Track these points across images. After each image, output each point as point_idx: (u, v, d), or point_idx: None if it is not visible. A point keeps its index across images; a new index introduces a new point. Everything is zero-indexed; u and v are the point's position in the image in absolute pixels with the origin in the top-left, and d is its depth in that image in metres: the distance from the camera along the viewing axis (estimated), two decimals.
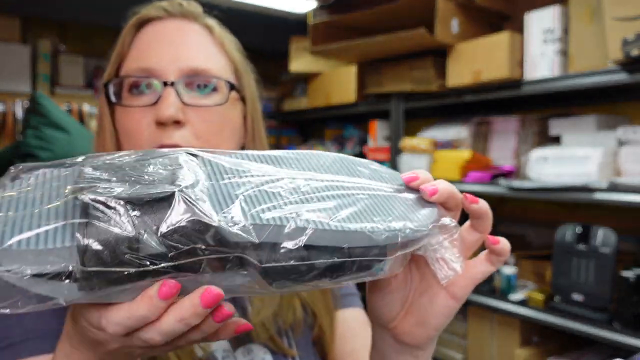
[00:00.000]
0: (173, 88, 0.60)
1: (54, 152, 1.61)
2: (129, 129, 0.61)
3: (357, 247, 0.34)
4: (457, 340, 2.02)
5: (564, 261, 1.58)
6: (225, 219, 0.31)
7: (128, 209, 0.29)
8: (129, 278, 0.30)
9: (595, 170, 1.49)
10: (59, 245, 0.28)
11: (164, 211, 0.30)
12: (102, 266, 0.29)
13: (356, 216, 0.35)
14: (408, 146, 2.02)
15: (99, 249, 0.29)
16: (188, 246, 0.30)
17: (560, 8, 1.58)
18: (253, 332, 0.61)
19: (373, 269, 0.35)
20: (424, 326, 0.46)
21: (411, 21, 1.90)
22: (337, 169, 0.40)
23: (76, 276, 0.29)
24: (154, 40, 0.63)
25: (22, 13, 2.48)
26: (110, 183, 0.30)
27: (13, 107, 2.16)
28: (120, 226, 0.29)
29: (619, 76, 1.42)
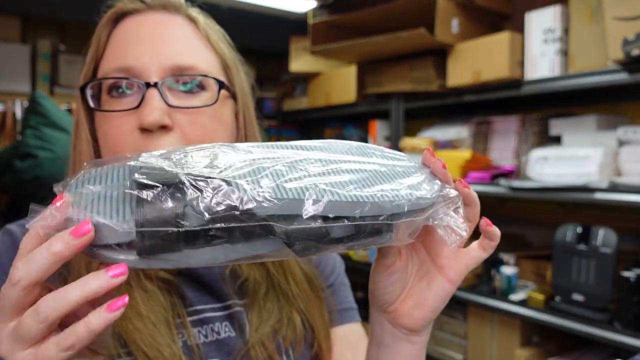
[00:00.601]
0: (156, 89, 0.54)
1: (54, 152, 1.61)
2: (111, 137, 0.55)
3: (368, 214, 0.38)
4: (457, 341, 2.02)
5: (565, 261, 1.57)
6: (253, 192, 0.36)
7: (172, 189, 0.35)
8: (174, 243, 0.34)
9: (595, 170, 1.49)
10: (121, 219, 0.34)
11: (204, 189, 0.35)
12: (152, 231, 0.34)
13: (366, 186, 0.39)
14: (408, 146, 2.02)
15: (150, 218, 0.34)
16: (224, 214, 0.35)
17: (561, 8, 1.58)
18: (251, 351, 0.58)
19: (383, 235, 0.39)
20: (422, 308, 0.48)
21: (411, 21, 1.90)
22: (353, 152, 0.45)
23: (135, 243, 0.34)
24: (133, 36, 0.57)
25: (22, 13, 2.48)
26: (159, 170, 0.36)
27: (13, 107, 2.16)
28: (167, 202, 0.34)
29: (620, 76, 1.42)
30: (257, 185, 0.37)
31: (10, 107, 2.15)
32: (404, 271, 0.49)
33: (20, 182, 1.57)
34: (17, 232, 0.59)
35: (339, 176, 0.40)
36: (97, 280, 0.33)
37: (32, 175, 1.56)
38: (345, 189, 0.38)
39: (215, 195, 0.35)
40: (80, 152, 0.59)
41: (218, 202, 0.35)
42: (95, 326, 0.33)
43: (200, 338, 0.58)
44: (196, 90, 0.57)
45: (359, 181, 0.40)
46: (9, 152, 1.63)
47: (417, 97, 2.04)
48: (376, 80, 2.16)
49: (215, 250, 0.36)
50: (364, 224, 0.38)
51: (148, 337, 0.53)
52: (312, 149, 0.44)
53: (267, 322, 0.61)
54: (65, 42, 2.69)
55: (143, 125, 0.53)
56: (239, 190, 0.36)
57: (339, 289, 0.72)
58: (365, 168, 0.42)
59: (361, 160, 0.43)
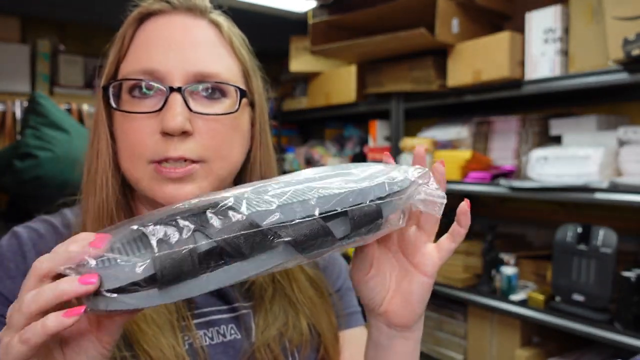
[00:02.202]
0: (180, 94, 0.54)
1: (54, 152, 1.61)
2: (131, 137, 0.56)
3: (354, 207, 0.42)
4: (457, 341, 2.02)
5: (565, 261, 1.57)
6: (254, 205, 0.40)
7: (177, 223, 0.38)
8: (189, 269, 0.37)
9: (595, 170, 1.48)
10: (142, 268, 0.36)
11: (207, 212, 0.39)
12: (168, 261, 0.36)
13: (348, 183, 0.43)
14: (408, 146, 2.02)
15: (163, 250, 0.36)
16: (232, 235, 0.38)
17: (561, 8, 1.58)
18: (257, 353, 0.59)
19: (377, 222, 0.43)
20: (409, 304, 0.53)
21: (411, 21, 1.89)
22: (332, 170, 0.49)
23: (154, 277, 0.36)
24: (158, 38, 0.57)
25: (22, 13, 2.47)
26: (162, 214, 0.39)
27: (12, 107, 2.15)
28: (175, 233, 0.37)
29: (620, 76, 1.42)
30: (257, 200, 0.40)
31: (10, 107, 2.15)
32: (381, 276, 0.53)
33: (20, 182, 1.57)
34: (23, 235, 0.59)
35: (323, 181, 0.44)
36: (69, 284, 0.36)
37: (32, 175, 1.56)
38: (330, 188, 0.43)
39: (219, 214, 0.38)
40: (99, 150, 0.59)
41: (222, 221, 0.38)
42: (48, 327, 0.35)
43: (205, 340, 0.58)
44: (217, 96, 0.58)
45: (341, 181, 0.44)
46: (9, 152, 1.63)
47: (417, 97, 2.04)
48: (376, 80, 2.15)
49: (230, 270, 0.38)
50: (357, 215, 0.42)
51: (152, 339, 0.54)
52: (295, 175, 0.46)
53: (273, 325, 0.61)
54: (65, 42, 2.68)
55: (165, 129, 0.53)
56: (241, 206, 0.39)
57: (346, 294, 0.73)
58: (345, 172, 0.46)
59: (341, 171, 0.47)
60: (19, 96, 2.22)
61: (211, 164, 0.57)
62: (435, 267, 0.52)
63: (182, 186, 0.55)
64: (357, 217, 0.42)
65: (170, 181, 0.55)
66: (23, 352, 0.36)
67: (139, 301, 0.37)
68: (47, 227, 0.61)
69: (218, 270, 0.38)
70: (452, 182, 1.88)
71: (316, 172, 0.46)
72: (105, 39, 0.66)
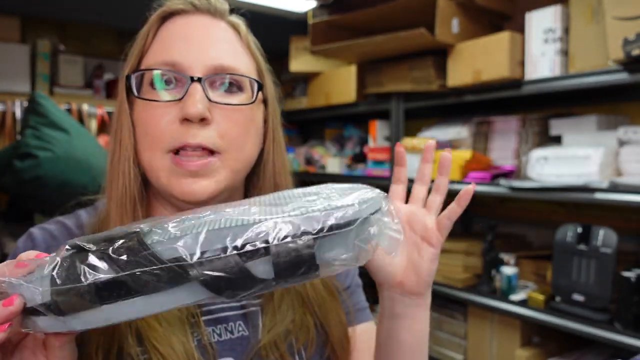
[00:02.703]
0: (200, 84, 0.57)
1: (54, 152, 1.61)
2: (151, 126, 0.58)
3: (279, 243, 0.37)
4: (457, 341, 2.02)
5: (565, 261, 1.57)
6: (158, 242, 0.37)
7: (82, 251, 0.38)
8: (88, 299, 0.36)
9: (595, 170, 1.48)
10: (40, 295, 0.37)
11: (109, 243, 0.38)
12: (63, 289, 0.36)
13: (268, 214, 0.39)
14: (408, 146, 2.01)
15: (62, 277, 0.37)
16: (126, 261, 0.36)
17: (561, 8, 1.58)
18: (262, 351, 0.60)
19: (310, 270, 0.37)
20: (420, 274, 0.60)
21: (411, 21, 1.89)
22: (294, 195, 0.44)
23: (52, 303, 0.36)
24: (180, 34, 0.60)
25: (22, 12, 2.47)
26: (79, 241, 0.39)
27: (12, 107, 2.15)
28: (74, 262, 0.37)
29: (620, 76, 1.42)
30: (159, 230, 0.38)
31: (10, 107, 2.15)
32: (401, 252, 0.61)
33: (20, 182, 1.57)
34: (38, 237, 0.61)
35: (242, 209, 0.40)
36: None
37: (32, 175, 1.56)
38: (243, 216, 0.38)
39: (116, 245, 0.37)
40: (122, 139, 0.60)
41: (120, 251, 0.37)
42: None
43: (214, 337, 0.60)
44: (235, 90, 0.60)
45: (261, 209, 0.40)
46: (9, 152, 1.63)
47: (417, 97, 2.04)
48: (376, 80, 2.15)
49: (134, 304, 0.37)
50: (282, 254, 0.36)
51: (162, 335, 0.55)
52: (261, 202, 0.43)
53: (280, 323, 0.62)
54: (65, 42, 2.68)
55: (186, 115, 0.56)
56: (139, 234, 0.37)
57: (355, 291, 0.75)
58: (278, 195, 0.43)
59: (287, 196, 0.43)
60: (19, 96, 2.22)
61: (227, 155, 0.59)
62: (440, 239, 0.61)
63: (199, 180, 0.57)
64: (281, 257, 0.36)
65: (189, 175, 0.57)
66: None
67: (46, 324, 0.37)
68: (61, 229, 0.63)
69: (121, 302, 0.37)
70: (452, 182, 1.88)
71: (273, 197, 0.43)
72: (105, 39, 0.66)
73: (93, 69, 2.69)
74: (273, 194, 0.46)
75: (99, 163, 1.69)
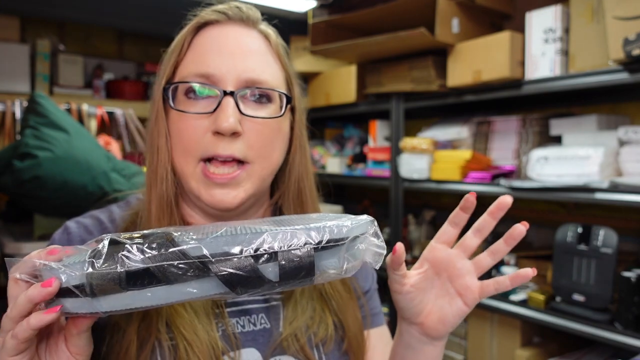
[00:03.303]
0: (232, 98, 0.60)
1: (53, 152, 1.60)
2: (185, 136, 0.61)
3: (285, 250, 0.43)
4: (457, 341, 2.02)
5: (565, 261, 1.57)
6: (182, 236, 0.44)
7: (116, 245, 0.43)
8: (117, 284, 0.42)
9: (596, 170, 1.48)
10: (75, 277, 0.42)
11: (140, 238, 0.44)
12: (97, 274, 0.42)
13: (279, 225, 0.46)
14: (408, 146, 2.01)
15: (97, 265, 0.42)
16: (155, 256, 0.42)
17: (561, 7, 1.58)
18: (284, 342, 0.64)
19: (309, 274, 0.44)
20: (444, 323, 0.60)
21: (411, 21, 1.89)
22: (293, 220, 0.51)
23: (86, 285, 0.42)
24: (214, 46, 0.62)
25: (22, 12, 2.47)
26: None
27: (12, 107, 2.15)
28: (109, 252, 0.43)
29: (620, 76, 1.42)
30: (186, 234, 0.44)
31: (10, 107, 2.14)
32: (421, 292, 0.60)
33: (20, 182, 1.57)
34: (73, 230, 0.66)
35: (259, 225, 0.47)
36: (34, 289, 0.43)
37: (32, 175, 1.56)
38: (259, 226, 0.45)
39: (149, 241, 0.43)
40: (159, 146, 0.64)
41: (152, 246, 0.42)
42: (31, 323, 0.43)
43: (237, 328, 0.64)
44: (264, 101, 0.63)
45: (279, 222, 0.47)
46: (9, 152, 1.62)
47: (417, 97, 2.03)
48: (376, 80, 2.15)
49: (157, 291, 0.42)
50: (287, 259, 0.43)
51: (189, 322, 0.60)
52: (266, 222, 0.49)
53: (301, 317, 0.66)
54: (65, 42, 2.68)
55: (218, 130, 0.59)
56: (170, 235, 0.44)
57: (373, 295, 0.79)
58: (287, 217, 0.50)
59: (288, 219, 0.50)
60: (18, 96, 2.22)
61: (254, 165, 0.62)
62: (475, 302, 0.60)
63: (229, 191, 0.61)
64: (290, 266, 0.43)
65: (218, 186, 0.61)
66: (13, 345, 0.43)
67: (74, 306, 0.43)
68: (95, 223, 0.67)
69: (146, 289, 0.42)
70: (452, 182, 1.88)
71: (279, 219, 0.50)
72: (105, 39, 0.67)
73: (93, 68, 2.69)
74: (281, 217, 0.52)
75: (98, 163, 1.69)
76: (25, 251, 1.68)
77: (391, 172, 2.12)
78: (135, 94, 2.73)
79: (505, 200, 0.58)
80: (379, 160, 2.23)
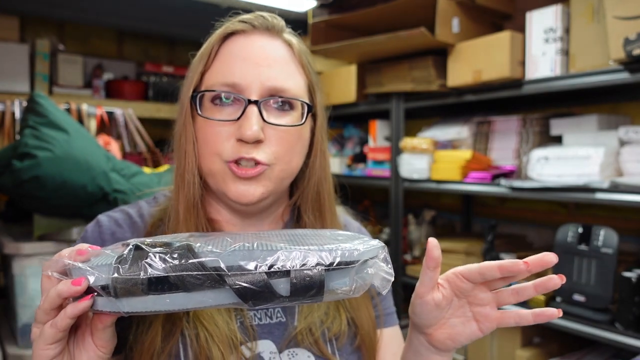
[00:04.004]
0: (256, 106, 0.63)
1: (53, 152, 1.60)
2: (211, 141, 0.65)
3: (297, 269, 0.46)
4: None
5: (565, 262, 1.57)
6: (201, 249, 0.47)
7: (140, 251, 0.47)
8: (139, 288, 0.45)
9: (596, 170, 1.48)
10: (101, 279, 0.46)
11: (164, 248, 0.47)
12: (123, 278, 0.46)
13: (294, 244, 0.49)
14: (408, 146, 2.01)
15: (122, 269, 0.46)
16: (176, 266, 0.46)
17: (562, 7, 1.58)
18: (299, 336, 0.67)
19: (318, 293, 0.47)
20: (453, 340, 0.60)
21: (411, 21, 1.89)
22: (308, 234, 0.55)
23: (111, 287, 0.46)
24: (239, 55, 0.66)
25: (21, 12, 2.47)
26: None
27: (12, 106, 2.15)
28: (134, 258, 0.47)
29: (621, 76, 1.42)
30: (206, 245, 0.47)
31: (9, 107, 2.14)
32: (441, 308, 0.60)
33: (19, 182, 1.57)
34: (105, 224, 0.70)
35: (272, 240, 0.50)
36: (64, 285, 0.47)
37: (31, 175, 1.55)
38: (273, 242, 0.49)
39: (171, 250, 0.46)
40: (187, 151, 0.68)
41: (173, 255, 0.46)
42: (68, 312, 0.47)
43: (255, 320, 0.68)
44: (287, 109, 0.67)
45: (293, 241, 0.50)
46: (8, 153, 1.62)
47: (417, 97, 2.03)
48: (376, 80, 2.15)
49: (175, 297, 0.46)
50: (298, 277, 0.46)
51: (209, 315, 0.64)
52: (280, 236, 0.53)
53: (315, 312, 0.69)
54: (65, 42, 2.68)
55: (242, 137, 0.63)
56: (191, 246, 0.47)
57: (387, 296, 0.82)
58: (301, 233, 0.53)
59: (304, 234, 0.54)
60: (18, 96, 2.21)
61: (275, 168, 0.66)
62: (491, 329, 0.59)
63: (250, 186, 0.65)
64: (301, 283, 0.46)
65: (241, 181, 0.65)
66: (52, 333, 0.48)
67: (99, 303, 0.47)
68: (124, 217, 0.72)
69: (165, 295, 0.46)
70: (453, 182, 1.88)
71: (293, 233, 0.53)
72: (105, 39, 0.67)
73: (92, 68, 2.69)
74: (296, 231, 0.56)
75: (98, 163, 1.68)
76: (25, 251, 1.68)
77: (391, 172, 2.12)
78: (135, 94, 2.72)
79: (548, 259, 0.58)
80: (379, 160, 2.23)
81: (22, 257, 1.69)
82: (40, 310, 0.49)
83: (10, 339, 1.77)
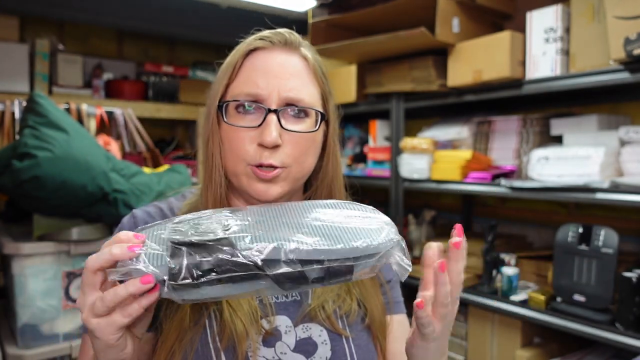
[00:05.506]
0: (275, 115, 0.72)
1: (52, 152, 1.60)
2: (235, 145, 0.74)
3: (333, 259, 0.54)
4: (457, 342, 2.02)
5: (566, 262, 1.57)
6: (243, 248, 0.54)
7: (193, 247, 0.54)
8: (195, 281, 0.53)
9: (596, 170, 1.48)
10: (162, 266, 0.54)
11: (213, 247, 0.54)
12: (177, 276, 0.53)
13: (330, 240, 0.56)
14: (409, 146, 2.01)
15: (174, 267, 0.53)
16: (224, 262, 0.53)
17: (562, 7, 1.58)
18: (312, 311, 0.75)
19: (346, 276, 0.55)
20: (424, 338, 0.66)
21: (411, 21, 1.89)
22: (329, 206, 0.65)
23: (167, 282, 0.53)
24: (261, 69, 0.74)
25: (21, 12, 2.47)
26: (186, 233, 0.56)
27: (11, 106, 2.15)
28: (189, 257, 0.53)
29: (621, 75, 1.41)
30: (245, 243, 0.54)
31: (9, 106, 2.14)
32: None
33: (19, 182, 1.57)
34: (139, 215, 0.80)
35: (308, 231, 0.57)
36: (134, 285, 0.53)
37: (31, 175, 1.55)
38: (311, 243, 0.55)
39: (214, 249, 0.53)
40: (214, 154, 0.77)
41: (218, 257, 0.53)
42: (142, 303, 0.54)
43: (272, 298, 0.76)
44: (302, 116, 0.76)
45: (320, 235, 0.56)
46: (8, 152, 1.62)
47: (417, 96, 2.03)
48: (376, 80, 2.15)
49: (225, 287, 0.54)
50: (332, 270, 0.54)
51: None
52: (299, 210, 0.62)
53: (328, 292, 0.77)
54: (64, 42, 2.68)
55: (263, 143, 0.72)
56: (235, 248, 0.54)
57: (395, 285, 0.89)
58: (327, 225, 0.59)
59: (330, 213, 0.62)
60: (17, 96, 2.21)
61: (291, 169, 0.75)
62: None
63: (270, 186, 0.74)
64: (331, 271, 0.55)
65: (261, 181, 0.74)
66: (125, 322, 0.55)
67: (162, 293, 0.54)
68: (157, 211, 0.82)
69: (216, 286, 0.53)
70: (453, 182, 1.88)
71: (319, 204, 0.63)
72: (105, 39, 0.67)
73: (92, 68, 2.68)
74: (320, 216, 0.62)
75: (98, 163, 1.68)
76: (25, 251, 1.68)
77: (391, 172, 2.12)
78: (135, 94, 2.72)
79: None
80: (379, 160, 2.23)
81: (21, 257, 1.69)
82: (103, 305, 0.54)
83: (10, 339, 1.77)
